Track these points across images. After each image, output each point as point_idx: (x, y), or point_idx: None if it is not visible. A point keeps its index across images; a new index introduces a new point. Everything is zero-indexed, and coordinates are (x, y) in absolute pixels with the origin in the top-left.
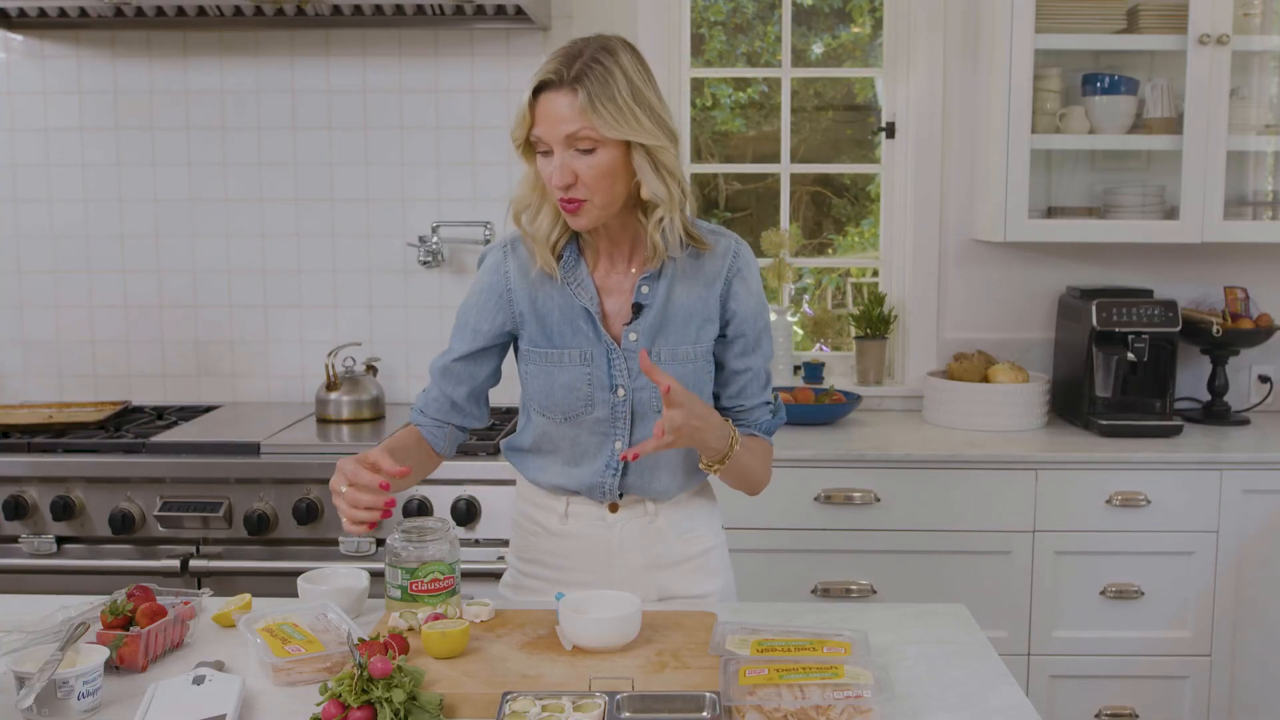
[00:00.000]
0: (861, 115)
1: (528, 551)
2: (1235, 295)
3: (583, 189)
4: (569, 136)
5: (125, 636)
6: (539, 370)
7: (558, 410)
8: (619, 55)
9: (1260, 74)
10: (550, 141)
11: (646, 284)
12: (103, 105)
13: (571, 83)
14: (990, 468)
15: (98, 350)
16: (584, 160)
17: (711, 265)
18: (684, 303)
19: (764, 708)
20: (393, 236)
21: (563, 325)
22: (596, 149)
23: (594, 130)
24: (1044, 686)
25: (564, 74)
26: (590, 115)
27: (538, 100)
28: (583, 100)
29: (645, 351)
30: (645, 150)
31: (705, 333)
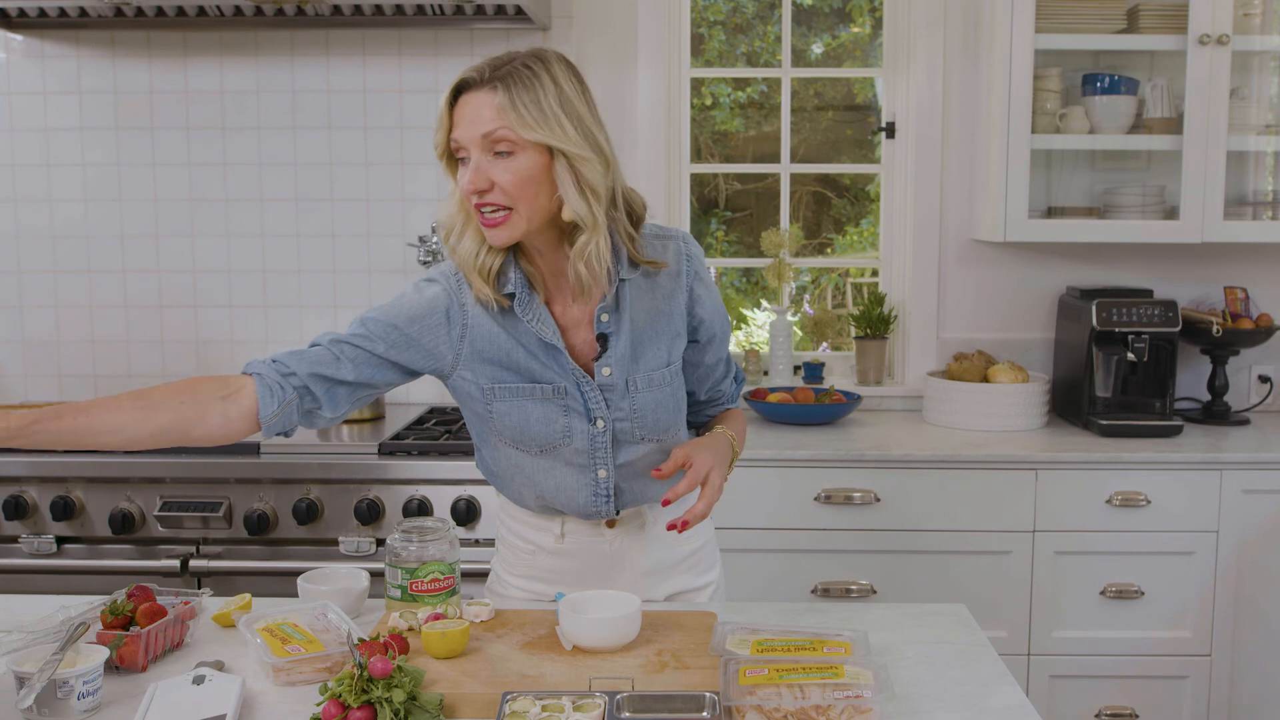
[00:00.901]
0: (861, 115)
1: (520, 568)
2: (1235, 295)
3: (500, 194)
4: (485, 136)
5: (125, 636)
6: (510, 407)
7: (533, 444)
8: (550, 64)
9: (1260, 74)
10: (467, 144)
11: (605, 313)
12: (103, 105)
13: (492, 81)
14: (990, 468)
15: (98, 350)
16: (501, 165)
17: (666, 280)
18: (649, 324)
19: (764, 708)
20: (393, 236)
21: (529, 361)
22: (515, 153)
23: (511, 131)
24: (1044, 686)
25: (485, 73)
26: (509, 114)
27: (457, 102)
28: (501, 99)
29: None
30: (567, 161)
31: (676, 348)
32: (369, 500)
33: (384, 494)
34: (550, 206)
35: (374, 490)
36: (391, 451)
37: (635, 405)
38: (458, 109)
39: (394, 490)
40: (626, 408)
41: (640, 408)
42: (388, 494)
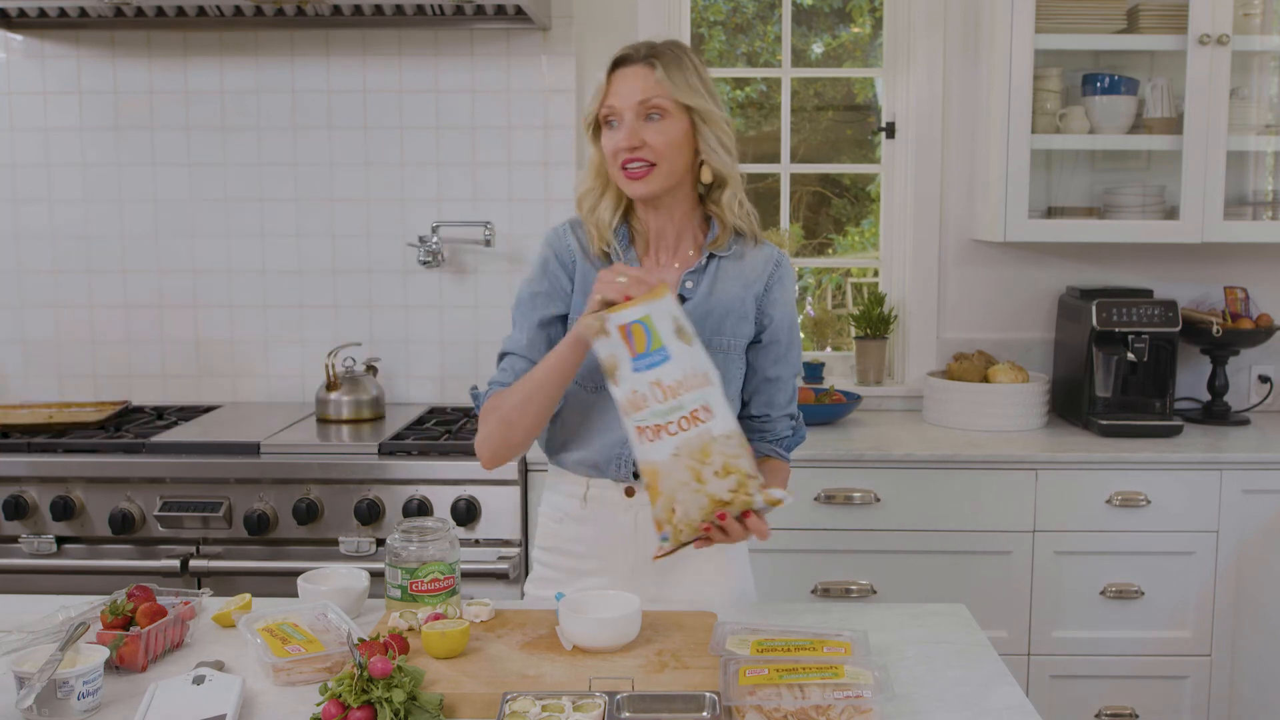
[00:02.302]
0: (861, 115)
1: (548, 540)
2: (1235, 295)
3: (649, 152)
4: (641, 103)
5: (125, 636)
6: None
7: (590, 378)
8: (688, 51)
9: (1260, 74)
10: (622, 109)
11: (691, 279)
12: (103, 105)
13: (647, 58)
14: (990, 468)
15: (98, 350)
16: (652, 127)
17: (753, 267)
18: (724, 299)
19: (764, 708)
20: (393, 236)
21: None
22: (665, 117)
23: (665, 97)
24: (1044, 686)
25: (642, 51)
26: (664, 83)
27: (614, 74)
28: (659, 72)
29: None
30: (708, 125)
31: (741, 330)
32: (369, 500)
33: (384, 494)
34: (684, 168)
35: (374, 490)
36: (391, 451)
37: None
38: (616, 79)
39: (394, 490)
40: None
41: None
42: (388, 494)
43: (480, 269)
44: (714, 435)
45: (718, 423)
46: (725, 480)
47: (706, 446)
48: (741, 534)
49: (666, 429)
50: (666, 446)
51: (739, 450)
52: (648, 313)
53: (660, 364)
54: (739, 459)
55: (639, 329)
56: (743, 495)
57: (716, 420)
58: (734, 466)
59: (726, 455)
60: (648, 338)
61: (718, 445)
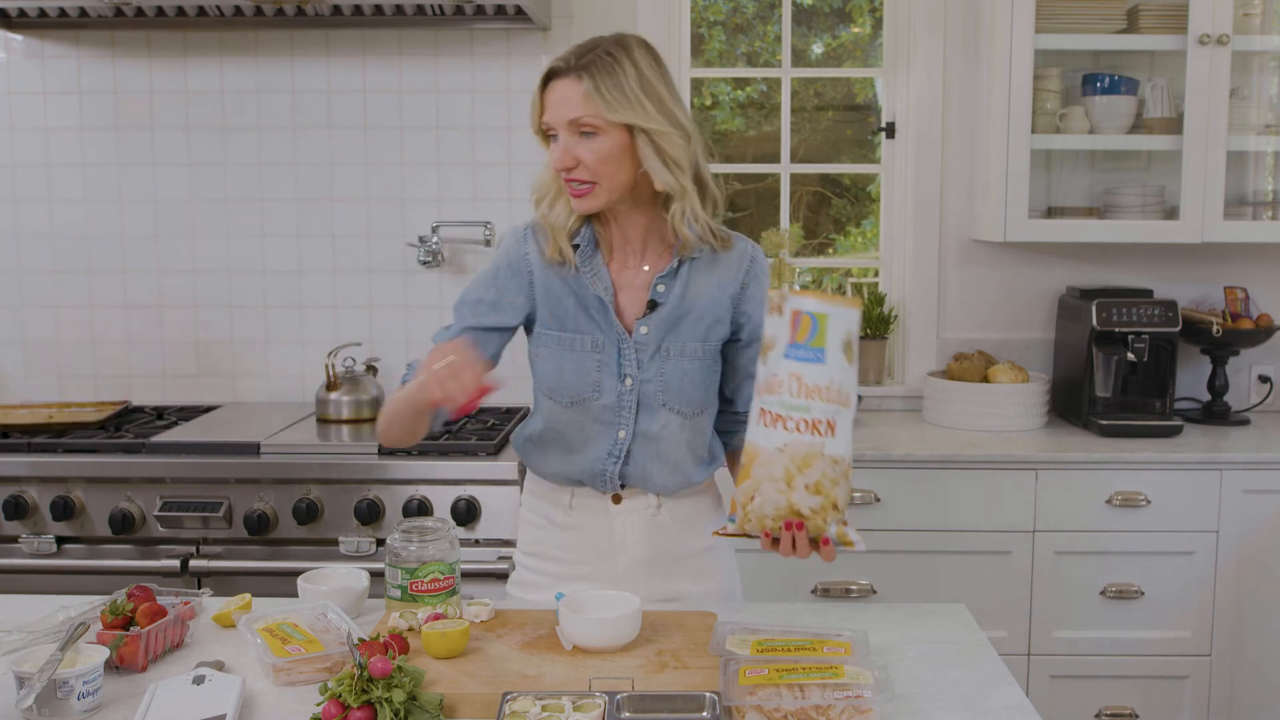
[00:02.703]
0: (861, 115)
1: (533, 545)
2: (1235, 295)
3: (585, 171)
4: (572, 122)
5: (125, 636)
6: (550, 353)
7: (565, 394)
8: (631, 50)
9: (1260, 74)
10: (555, 126)
11: (663, 282)
12: (103, 105)
13: (577, 70)
14: (990, 468)
15: (98, 350)
16: (585, 144)
17: (727, 267)
18: (697, 302)
19: (764, 708)
20: (393, 236)
21: (577, 311)
22: (598, 134)
23: (596, 115)
24: (1044, 686)
25: (571, 62)
26: (594, 99)
27: (547, 88)
28: (586, 86)
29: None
30: (649, 138)
31: (715, 332)
32: (369, 500)
33: (384, 494)
34: (630, 179)
35: (374, 490)
36: (391, 451)
37: (663, 370)
38: (547, 94)
39: (394, 490)
40: (654, 371)
41: (667, 373)
42: (388, 494)
43: (480, 269)
44: (824, 453)
45: (834, 444)
46: (812, 498)
47: (811, 457)
48: (807, 552)
49: (785, 422)
50: (777, 438)
51: (840, 479)
52: (827, 312)
53: (811, 362)
54: (836, 486)
55: (808, 321)
56: (819, 520)
57: (835, 442)
58: (827, 490)
59: (826, 476)
60: (812, 333)
61: (822, 463)
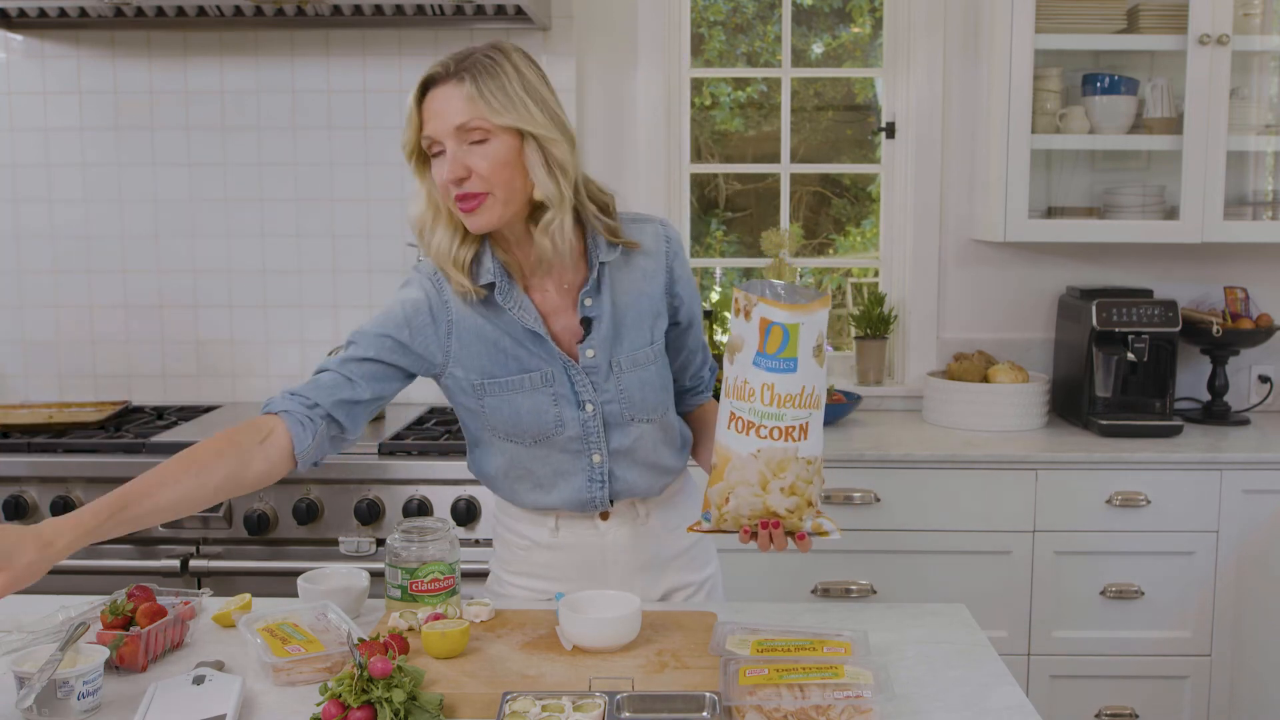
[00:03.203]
0: (861, 115)
1: (516, 565)
2: (1235, 295)
3: (479, 181)
4: (459, 128)
5: (125, 636)
6: (500, 401)
7: (526, 435)
8: (509, 54)
9: (1260, 74)
10: (440, 136)
11: (589, 296)
12: (103, 105)
13: (458, 74)
14: (990, 468)
15: (98, 350)
16: (477, 151)
17: (646, 260)
18: (631, 305)
19: (764, 708)
20: (393, 236)
21: (516, 349)
22: (488, 140)
23: (484, 119)
24: (1044, 686)
25: (450, 67)
26: (478, 102)
27: (425, 98)
28: (469, 89)
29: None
30: (537, 143)
31: (658, 328)
32: (369, 500)
33: (384, 494)
34: (525, 189)
35: (374, 490)
36: (391, 451)
37: (622, 386)
38: (427, 104)
39: (394, 490)
40: (613, 389)
41: (627, 388)
42: (388, 494)
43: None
44: (798, 456)
45: (807, 446)
46: (787, 499)
47: (786, 462)
48: (784, 545)
49: (759, 430)
50: (751, 444)
51: (813, 477)
52: (798, 321)
53: (783, 372)
54: (810, 484)
55: (779, 332)
56: (795, 519)
57: (807, 444)
58: (801, 490)
59: (800, 477)
60: (783, 344)
61: (797, 466)
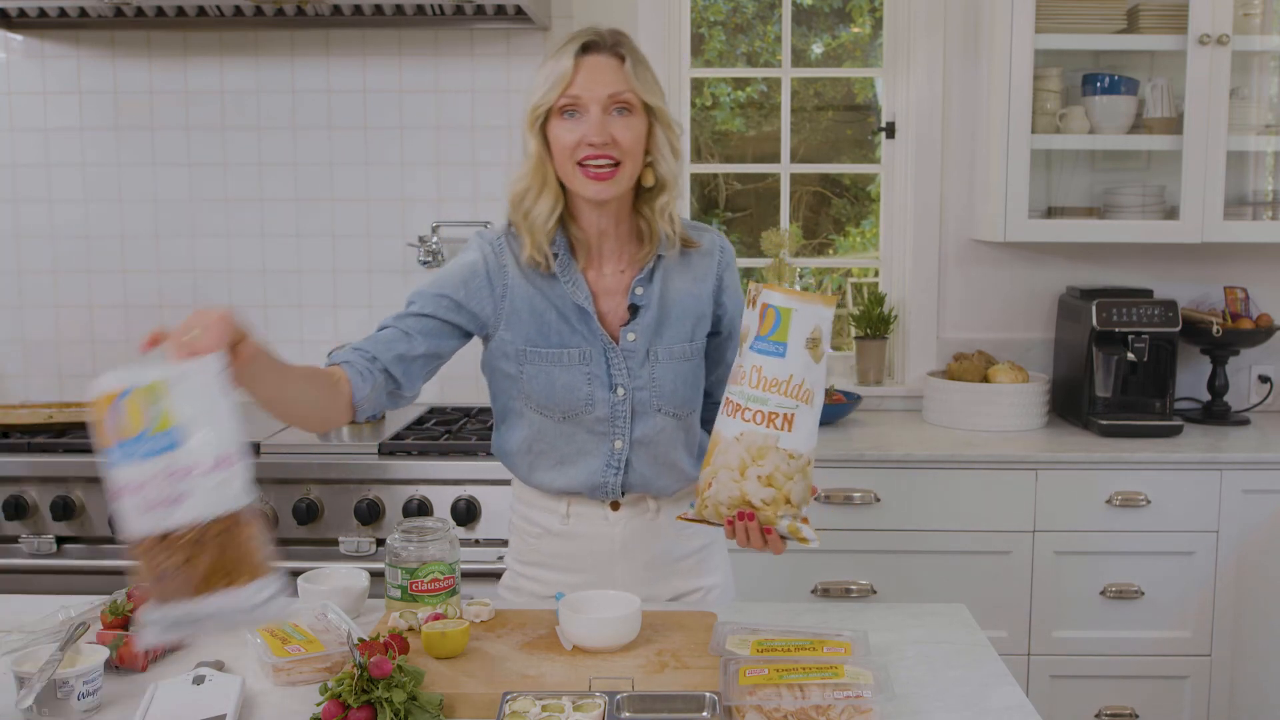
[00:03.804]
0: (861, 115)
1: (528, 554)
2: (1235, 295)
3: (616, 150)
4: (611, 96)
5: (125, 636)
6: (537, 370)
7: (557, 409)
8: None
9: (1260, 74)
10: (590, 101)
11: (640, 285)
12: (103, 105)
13: (614, 48)
14: (990, 468)
15: (98, 350)
16: (620, 122)
17: (700, 262)
18: (678, 301)
19: (764, 708)
20: (393, 236)
21: (560, 324)
22: (631, 112)
23: (634, 93)
24: (1044, 686)
25: (606, 39)
26: (633, 80)
27: (582, 59)
28: (629, 65)
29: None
30: (664, 127)
31: (699, 330)
32: (369, 500)
33: (384, 494)
34: (639, 168)
35: (374, 490)
36: (391, 451)
37: (655, 375)
38: (584, 65)
39: (394, 490)
40: (646, 376)
41: (659, 378)
42: (388, 494)
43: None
44: (778, 446)
45: (790, 439)
46: (764, 489)
47: (765, 450)
48: (760, 544)
49: (744, 412)
50: (736, 427)
51: (795, 474)
52: (791, 307)
53: (772, 355)
54: (790, 481)
55: (772, 315)
56: (770, 513)
57: (791, 437)
58: (779, 484)
59: (779, 470)
60: (774, 327)
61: (776, 456)
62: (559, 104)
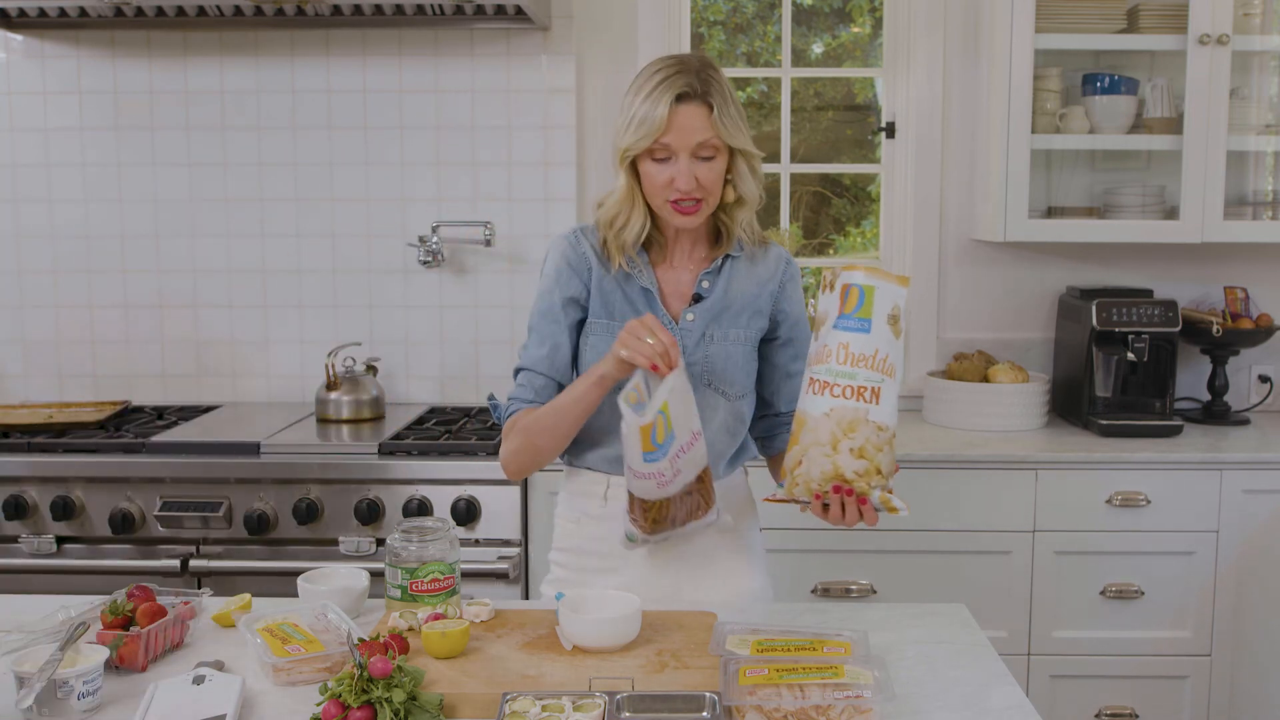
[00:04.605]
0: (861, 115)
1: (566, 541)
2: (1235, 295)
3: (700, 191)
4: (700, 145)
5: (125, 636)
6: (599, 341)
7: None
8: (721, 73)
9: (1260, 74)
10: (679, 149)
11: (707, 278)
12: (103, 105)
13: (703, 96)
14: (990, 468)
15: (98, 350)
16: (704, 166)
17: (765, 267)
18: (740, 295)
19: (764, 708)
20: (393, 236)
21: (624, 304)
22: (716, 156)
23: (718, 140)
24: (1044, 686)
25: (697, 88)
26: (719, 127)
27: (676, 110)
28: (716, 113)
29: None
30: (746, 157)
31: (755, 324)
32: (369, 500)
33: (384, 494)
34: (721, 195)
35: (374, 490)
36: (391, 451)
37: (708, 353)
38: (677, 116)
39: (394, 490)
40: (700, 355)
41: (712, 356)
42: (388, 494)
43: (480, 269)
44: (869, 419)
45: (879, 411)
46: (856, 461)
47: (856, 422)
48: (854, 517)
49: (832, 388)
50: (824, 403)
51: (884, 445)
52: (874, 285)
53: (858, 331)
54: (880, 453)
55: (855, 293)
56: (863, 483)
57: (879, 409)
58: (871, 455)
59: (870, 442)
60: (859, 304)
61: (867, 429)
62: (651, 149)
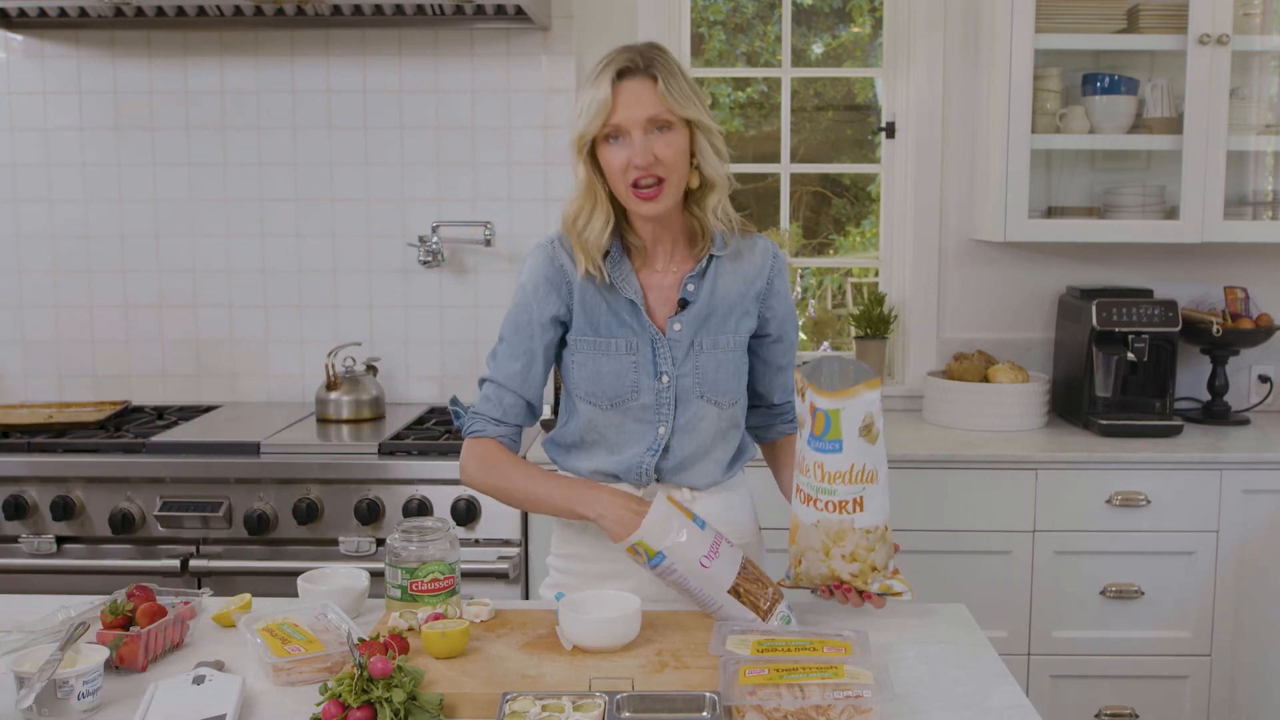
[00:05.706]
0: (861, 115)
1: (565, 547)
2: (1235, 295)
3: (660, 168)
4: (651, 119)
5: (125, 636)
6: (586, 359)
7: (603, 397)
8: (670, 55)
9: (1260, 74)
10: (631, 125)
11: (692, 282)
12: (103, 105)
13: (647, 69)
14: (990, 468)
15: (98, 350)
16: (661, 139)
17: (750, 263)
18: (726, 297)
19: (764, 708)
20: (393, 236)
21: (609, 317)
22: (671, 129)
23: (671, 111)
24: (1044, 686)
25: (639, 62)
26: (668, 99)
27: (619, 86)
28: (661, 85)
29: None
30: (704, 132)
31: (743, 325)
32: (369, 500)
33: (384, 494)
34: (685, 178)
35: (374, 490)
36: (391, 451)
37: (699, 363)
38: (621, 93)
39: (394, 490)
40: (690, 365)
41: (703, 366)
42: (388, 494)
43: (480, 269)
44: (855, 527)
45: (864, 517)
46: (850, 565)
47: (843, 532)
48: (859, 603)
49: (815, 503)
50: (811, 514)
51: (875, 544)
52: (839, 408)
53: (830, 453)
54: (871, 552)
55: (822, 417)
56: (860, 581)
57: (864, 515)
58: (861, 557)
59: (859, 546)
60: (826, 428)
61: (855, 536)
62: (603, 132)
